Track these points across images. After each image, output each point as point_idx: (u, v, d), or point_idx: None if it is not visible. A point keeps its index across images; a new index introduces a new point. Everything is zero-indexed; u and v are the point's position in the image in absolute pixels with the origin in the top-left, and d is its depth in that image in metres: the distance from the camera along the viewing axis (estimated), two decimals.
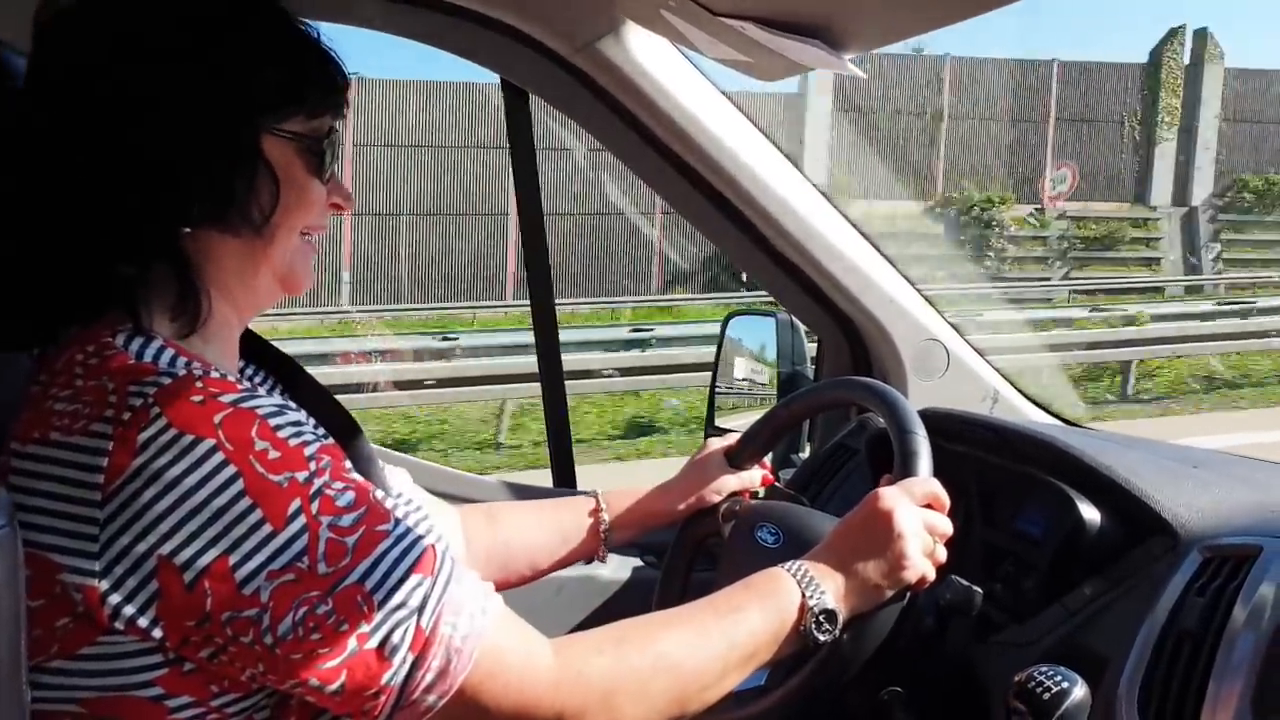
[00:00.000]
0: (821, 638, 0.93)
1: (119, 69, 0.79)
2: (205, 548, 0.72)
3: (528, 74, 1.48)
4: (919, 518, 0.99)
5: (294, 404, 0.89)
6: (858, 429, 1.55)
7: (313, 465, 0.76)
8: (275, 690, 0.78)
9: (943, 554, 1.00)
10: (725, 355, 1.73)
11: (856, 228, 1.56)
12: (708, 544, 1.27)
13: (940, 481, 1.04)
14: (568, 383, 1.72)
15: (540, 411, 1.74)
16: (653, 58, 1.40)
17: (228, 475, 0.73)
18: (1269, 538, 0.93)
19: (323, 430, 0.86)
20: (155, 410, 0.73)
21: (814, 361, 1.73)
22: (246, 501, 0.73)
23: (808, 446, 1.71)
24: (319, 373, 1.05)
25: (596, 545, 1.22)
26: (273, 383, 0.98)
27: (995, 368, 1.66)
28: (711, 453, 1.28)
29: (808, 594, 0.93)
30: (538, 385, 1.71)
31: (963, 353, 1.63)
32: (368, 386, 8.55)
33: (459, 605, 0.78)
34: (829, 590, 0.94)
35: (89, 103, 0.79)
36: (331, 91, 0.88)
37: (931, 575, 0.99)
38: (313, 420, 0.87)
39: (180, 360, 0.79)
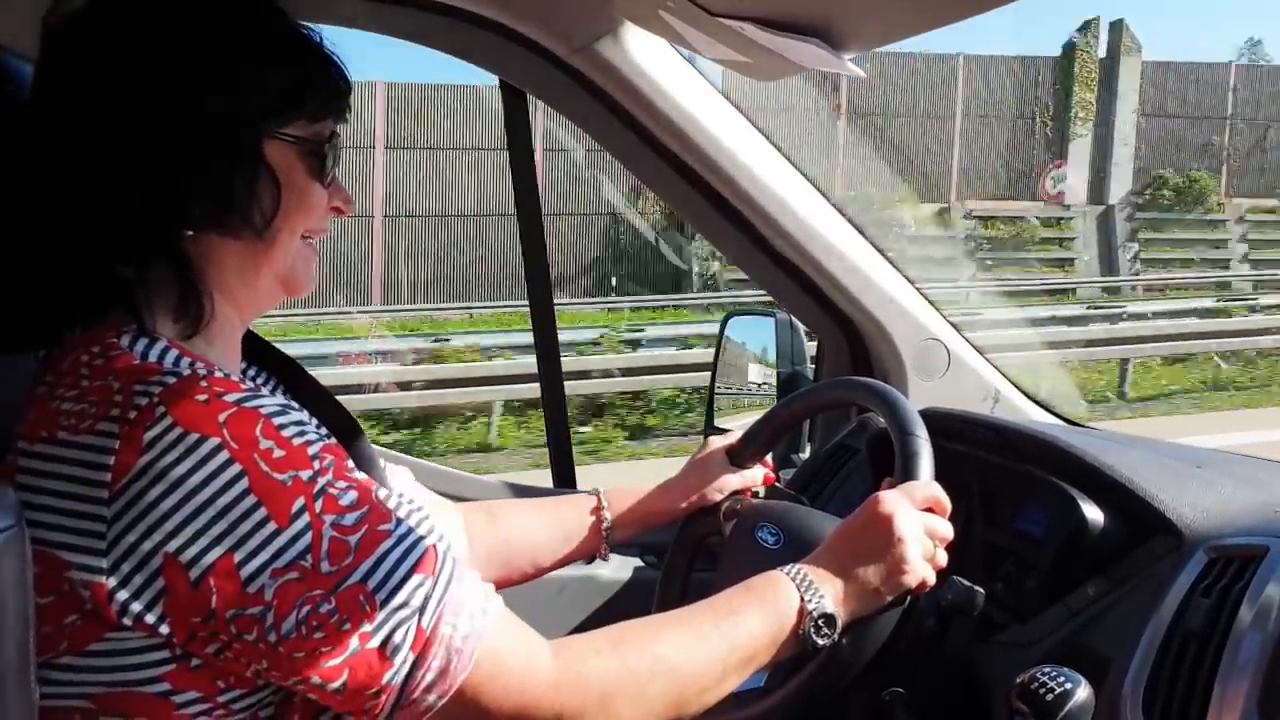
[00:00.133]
0: (820, 642, 0.93)
1: (120, 70, 0.79)
2: (211, 545, 0.73)
3: (524, 74, 1.48)
4: (919, 522, 0.99)
5: (296, 404, 0.89)
6: (858, 429, 1.55)
7: (316, 464, 0.77)
8: (280, 687, 0.79)
9: (943, 558, 1.00)
10: (725, 355, 1.73)
11: (856, 227, 1.56)
12: (708, 543, 1.27)
13: (941, 482, 1.04)
14: (568, 383, 1.72)
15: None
16: (651, 58, 1.40)
17: (233, 473, 0.73)
18: (1275, 538, 0.93)
19: (325, 430, 0.86)
20: (161, 409, 0.73)
21: (814, 361, 1.72)
22: (251, 499, 0.73)
23: (808, 446, 1.70)
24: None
25: (598, 543, 1.23)
26: (275, 383, 0.98)
27: (996, 367, 1.66)
28: (713, 451, 1.28)
29: (806, 598, 0.93)
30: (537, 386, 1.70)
31: (963, 352, 1.63)
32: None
33: (460, 605, 0.79)
34: (828, 594, 0.94)
35: (90, 103, 0.79)
36: (333, 96, 0.88)
37: (932, 580, 0.99)
38: (315, 420, 0.87)
39: (184, 360, 0.80)
